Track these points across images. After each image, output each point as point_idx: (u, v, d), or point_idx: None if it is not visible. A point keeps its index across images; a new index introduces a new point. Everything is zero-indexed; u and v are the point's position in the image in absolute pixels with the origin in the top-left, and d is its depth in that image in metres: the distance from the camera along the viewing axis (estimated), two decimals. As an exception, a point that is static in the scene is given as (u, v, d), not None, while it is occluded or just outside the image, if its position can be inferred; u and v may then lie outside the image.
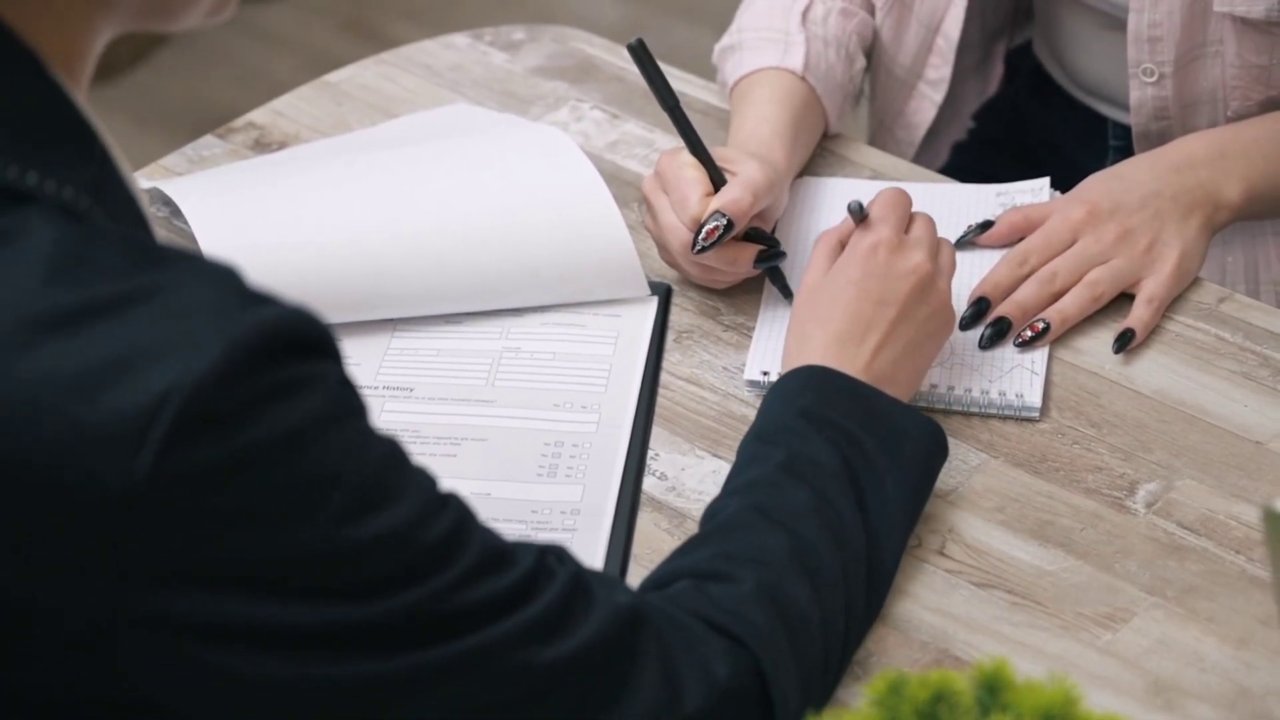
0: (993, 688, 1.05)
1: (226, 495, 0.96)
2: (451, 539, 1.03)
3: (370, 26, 3.45)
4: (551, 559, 1.09)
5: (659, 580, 1.20)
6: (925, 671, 1.18)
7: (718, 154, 1.50)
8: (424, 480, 1.04)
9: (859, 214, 1.37)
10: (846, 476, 1.26)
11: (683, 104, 1.50)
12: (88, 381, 0.94)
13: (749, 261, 1.49)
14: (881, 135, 1.80)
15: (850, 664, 1.25)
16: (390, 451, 1.03)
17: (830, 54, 1.64)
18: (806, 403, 1.30)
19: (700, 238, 1.46)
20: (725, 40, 1.67)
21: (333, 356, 1.01)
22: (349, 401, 1.01)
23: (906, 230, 1.40)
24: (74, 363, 0.94)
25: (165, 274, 0.97)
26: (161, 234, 1.58)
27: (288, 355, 0.98)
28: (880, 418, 1.30)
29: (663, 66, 1.52)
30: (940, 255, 1.40)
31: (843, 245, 1.39)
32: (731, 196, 1.46)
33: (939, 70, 1.72)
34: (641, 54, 1.49)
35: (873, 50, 1.72)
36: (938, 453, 1.33)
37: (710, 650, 1.12)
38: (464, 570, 1.03)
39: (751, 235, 1.49)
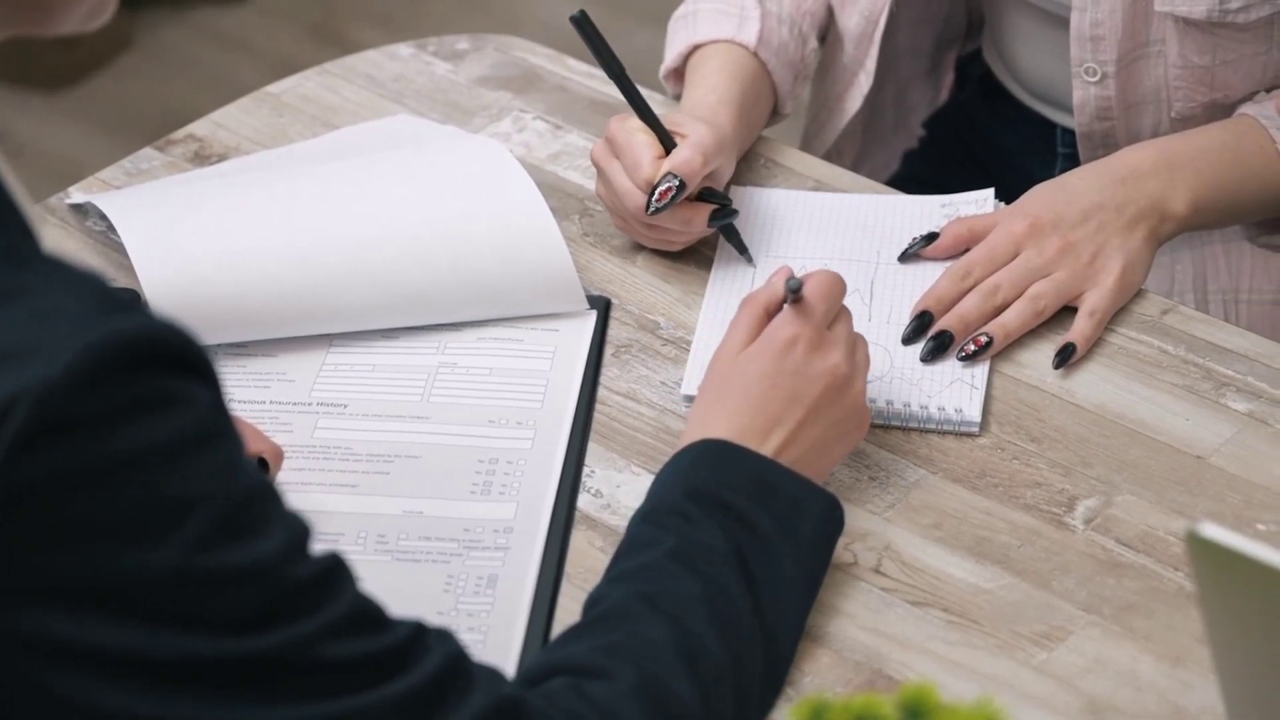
0: (916, 711, 1.03)
1: (76, 508, 0.92)
2: (321, 586, 0.99)
3: (336, 32, 3.43)
4: (431, 636, 1.04)
5: (533, 675, 1.14)
6: (851, 694, 1.17)
7: (666, 119, 1.52)
8: (296, 524, 1.00)
9: (794, 293, 1.31)
10: (738, 562, 1.21)
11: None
12: None
13: (703, 221, 1.51)
14: (819, 120, 1.78)
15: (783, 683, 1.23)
16: (261, 487, 0.99)
17: (784, 31, 1.64)
18: (699, 482, 1.24)
19: (654, 199, 1.48)
20: (681, 10, 1.67)
21: (206, 378, 0.97)
22: (217, 426, 0.97)
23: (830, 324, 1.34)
24: None
25: (24, 279, 0.94)
26: (95, 248, 1.57)
27: (151, 369, 0.94)
28: (778, 495, 1.25)
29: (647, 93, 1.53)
30: (856, 353, 1.34)
31: (768, 314, 1.33)
32: (683, 157, 1.48)
33: (874, 60, 1.71)
34: (585, 25, 1.50)
35: (827, 32, 1.72)
36: (835, 530, 1.28)
37: None
38: (330, 622, 0.98)
39: (704, 195, 1.51)
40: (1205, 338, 1.47)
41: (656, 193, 1.47)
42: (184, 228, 1.51)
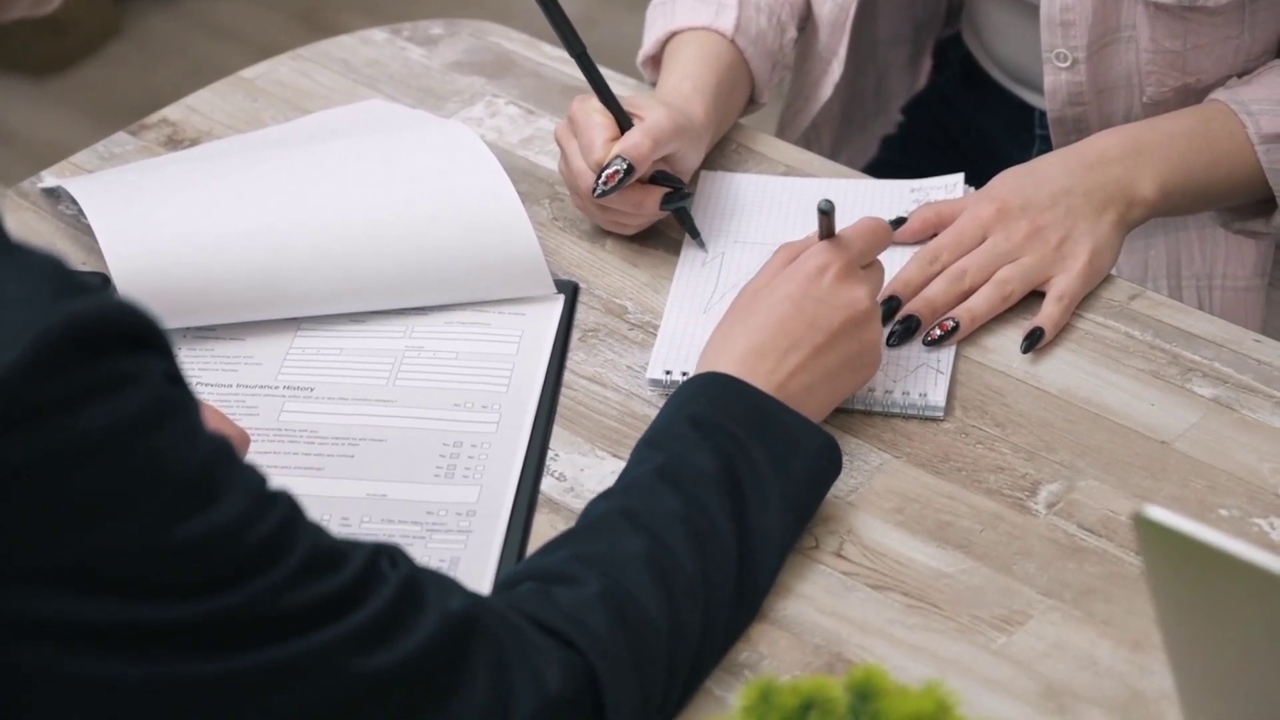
0: (865, 694, 1.03)
1: (41, 492, 0.94)
2: (279, 538, 1.01)
3: (325, 19, 3.43)
4: (384, 562, 1.07)
5: (509, 580, 1.19)
6: (800, 678, 1.17)
7: (627, 101, 1.52)
8: (252, 478, 1.03)
9: (827, 211, 1.35)
10: (726, 484, 1.24)
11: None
12: None
13: (655, 205, 1.51)
14: (794, 106, 1.78)
15: (740, 667, 1.23)
16: (217, 449, 1.01)
17: (762, 20, 1.64)
18: (698, 409, 1.28)
19: (600, 181, 1.48)
20: None
21: (158, 350, 0.99)
22: (174, 397, 0.99)
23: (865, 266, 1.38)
24: None
25: None
26: (67, 232, 1.57)
27: (106, 349, 0.96)
28: (774, 428, 1.28)
29: (606, 73, 1.53)
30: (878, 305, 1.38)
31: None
32: (632, 142, 1.48)
33: (845, 47, 1.71)
34: (548, 2, 1.50)
35: (806, 22, 1.72)
36: (830, 469, 1.31)
37: (544, 657, 1.11)
38: (290, 571, 1.01)
39: (658, 179, 1.51)
40: (1172, 323, 1.47)
41: (604, 175, 1.47)
42: (153, 212, 1.51)
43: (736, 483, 1.25)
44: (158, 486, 0.97)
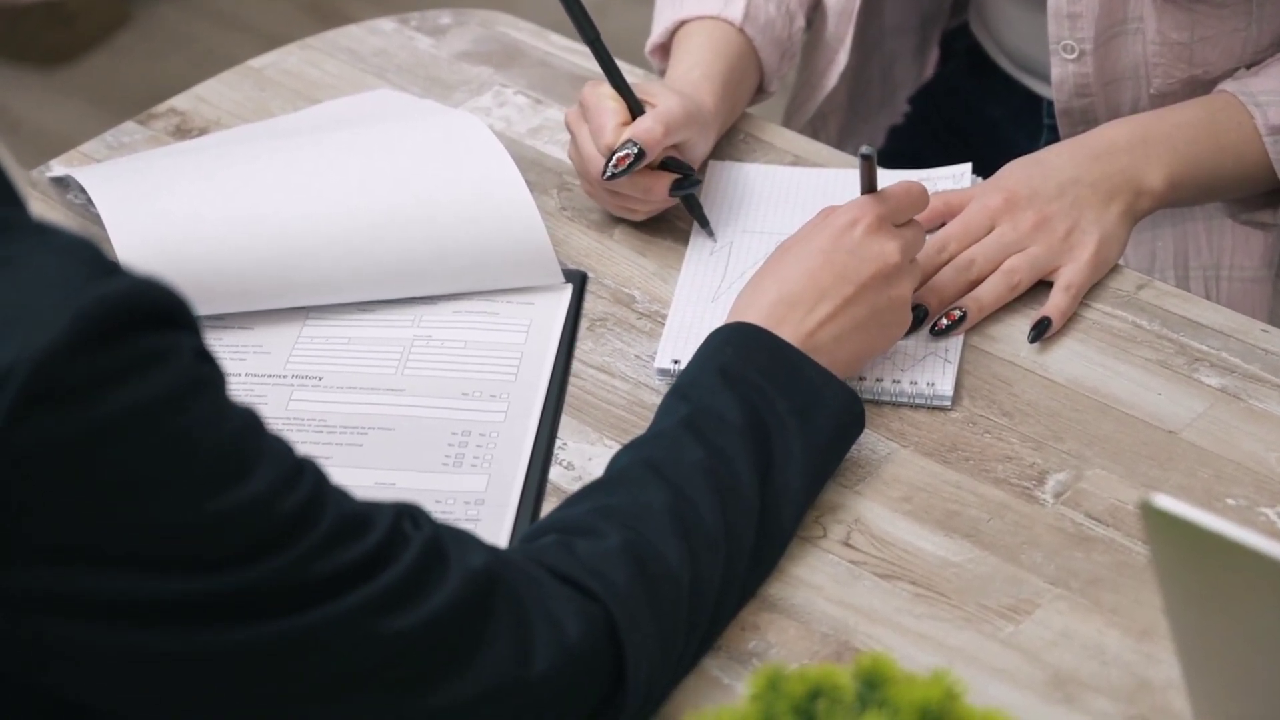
0: (872, 682, 1.03)
1: (80, 468, 0.95)
2: (308, 508, 1.03)
3: (332, 9, 3.43)
4: (406, 523, 1.09)
5: (532, 533, 1.21)
6: (807, 665, 1.17)
7: (638, 88, 1.52)
8: (280, 449, 1.04)
9: (868, 156, 1.37)
10: (752, 435, 1.26)
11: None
12: None
13: (664, 190, 1.51)
14: (801, 96, 1.78)
15: (748, 656, 1.24)
16: (246, 422, 1.03)
17: (770, 8, 1.64)
18: (725, 359, 1.30)
19: (611, 164, 1.48)
20: None
21: (187, 327, 1.01)
22: (204, 373, 1.01)
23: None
24: None
25: (13, 246, 0.97)
26: (76, 221, 1.57)
27: (138, 328, 0.97)
28: (800, 382, 1.30)
29: (622, 64, 1.53)
30: (914, 261, 1.40)
31: None
32: (644, 126, 1.49)
33: (851, 36, 1.71)
34: None
35: (815, 12, 1.72)
36: (852, 425, 1.33)
37: (564, 608, 1.13)
38: (320, 539, 1.03)
39: (668, 165, 1.51)
40: (1180, 313, 1.47)
41: (614, 158, 1.48)
42: (161, 201, 1.51)
43: (761, 435, 1.26)
44: (191, 461, 0.98)
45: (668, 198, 1.52)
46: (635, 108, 1.50)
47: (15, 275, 0.96)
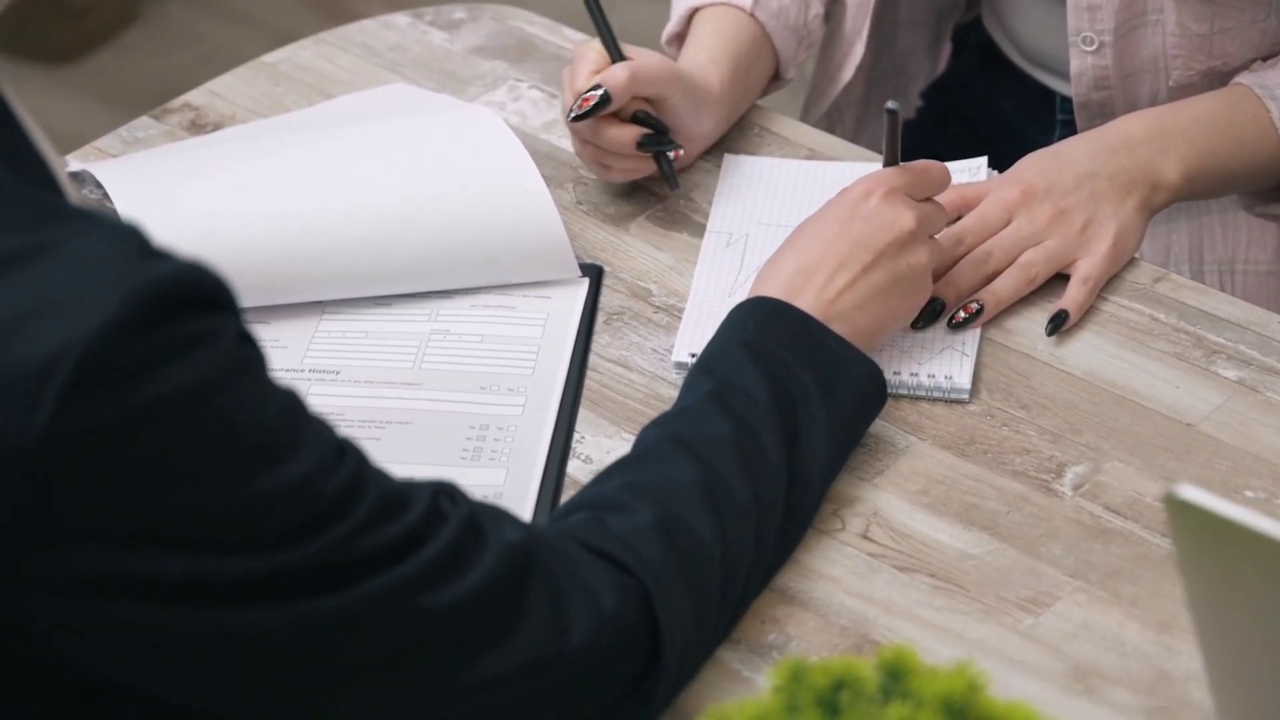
0: (895, 674, 1.04)
1: (129, 450, 0.96)
2: (350, 488, 1.04)
3: (339, 6, 3.42)
4: (444, 501, 1.10)
5: (564, 510, 1.22)
6: (830, 657, 1.17)
7: (632, 50, 1.54)
8: (323, 430, 1.05)
9: (894, 110, 1.40)
10: (777, 408, 1.27)
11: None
12: None
13: (630, 142, 1.52)
14: (818, 89, 1.78)
15: (768, 648, 1.24)
16: (289, 403, 1.04)
17: None
18: (748, 333, 1.31)
19: (575, 105, 1.49)
20: None
21: (230, 310, 1.02)
22: (248, 355, 1.02)
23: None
24: None
25: (62, 231, 0.98)
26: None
27: (185, 310, 0.98)
28: (822, 355, 1.31)
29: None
30: (931, 236, 1.41)
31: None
32: (613, 72, 1.51)
33: (868, 28, 1.71)
34: None
35: (833, 4, 1.72)
36: (874, 397, 1.34)
37: (599, 582, 1.13)
38: (362, 518, 1.04)
39: (644, 121, 1.52)
40: (1197, 306, 1.47)
41: (580, 99, 1.49)
42: (177, 195, 1.51)
43: (786, 408, 1.27)
44: (236, 442, 0.99)
45: (637, 153, 1.52)
46: (616, 57, 1.52)
47: (62, 259, 0.97)
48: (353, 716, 1.09)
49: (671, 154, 1.54)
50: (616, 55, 1.53)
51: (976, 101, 1.84)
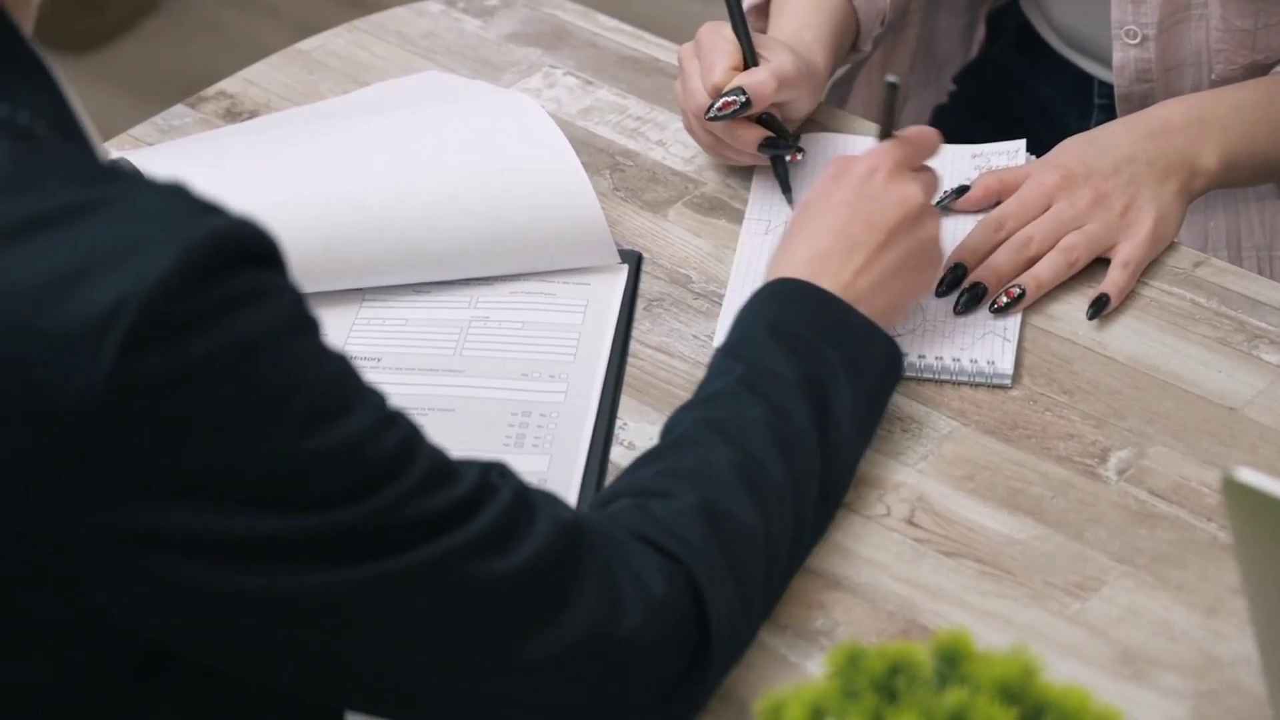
0: (951, 659, 1.03)
1: (185, 403, 0.96)
2: (403, 452, 1.04)
3: (360, -6, 3.42)
4: (494, 475, 1.10)
5: (604, 498, 1.22)
6: (885, 643, 1.17)
7: (758, 39, 1.53)
8: (375, 396, 1.06)
9: (894, 84, 1.38)
10: (806, 388, 1.27)
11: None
12: (42, 291, 0.95)
13: (754, 143, 1.52)
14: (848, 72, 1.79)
15: (815, 634, 1.24)
16: (343, 365, 1.04)
17: None
18: (772, 315, 1.31)
19: (715, 107, 1.49)
20: None
21: (283, 269, 1.02)
22: (303, 314, 1.02)
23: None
24: (27, 273, 0.95)
25: (117, 187, 0.98)
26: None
27: (242, 264, 0.98)
28: (846, 332, 1.31)
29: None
30: (934, 208, 1.41)
31: None
32: (758, 79, 1.50)
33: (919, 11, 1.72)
34: None
35: None
36: (893, 373, 1.34)
37: (646, 566, 1.13)
38: (414, 482, 1.04)
39: (767, 123, 1.52)
40: (1238, 290, 1.47)
41: (720, 101, 1.49)
42: (215, 183, 1.48)
43: (815, 387, 1.27)
44: (291, 399, 0.99)
45: (756, 154, 1.52)
46: (750, 56, 1.51)
47: (121, 212, 0.97)
48: (404, 689, 1.08)
49: (789, 157, 1.54)
50: (750, 52, 1.51)
51: (1013, 86, 1.84)
